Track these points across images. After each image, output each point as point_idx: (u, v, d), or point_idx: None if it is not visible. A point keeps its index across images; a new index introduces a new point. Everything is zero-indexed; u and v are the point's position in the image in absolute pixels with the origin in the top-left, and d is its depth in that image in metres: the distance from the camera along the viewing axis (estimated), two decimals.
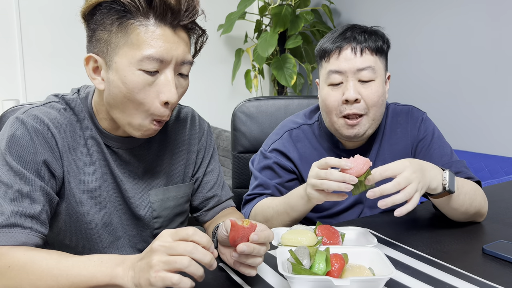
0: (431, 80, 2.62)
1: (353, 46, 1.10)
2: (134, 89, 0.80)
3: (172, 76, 0.82)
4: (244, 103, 1.51)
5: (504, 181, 1.81)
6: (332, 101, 1.12)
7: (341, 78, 1.11)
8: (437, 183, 0.94)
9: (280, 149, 1.21)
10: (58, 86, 2.78)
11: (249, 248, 0.71)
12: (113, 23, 0.80)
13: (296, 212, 1.05)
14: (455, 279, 0.81)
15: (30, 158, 0.82)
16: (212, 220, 1.10)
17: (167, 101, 0.82)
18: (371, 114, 1.11)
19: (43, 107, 0.88)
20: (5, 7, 2.62)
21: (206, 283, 0.80)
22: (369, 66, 1.09)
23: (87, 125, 0.91)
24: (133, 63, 0.79)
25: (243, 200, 1.21)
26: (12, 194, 0.79)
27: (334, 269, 0.74)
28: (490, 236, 1.02)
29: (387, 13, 2.86)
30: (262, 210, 1.12)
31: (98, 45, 0.83)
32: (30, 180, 0.81)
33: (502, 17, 2.24)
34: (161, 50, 0.79)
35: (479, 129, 2.39)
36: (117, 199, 0.94)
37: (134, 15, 0.79)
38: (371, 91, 1.09)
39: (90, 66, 0.85)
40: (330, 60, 1.12)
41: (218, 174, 1.11)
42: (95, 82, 0.85)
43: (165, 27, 0.80)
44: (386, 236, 1.02)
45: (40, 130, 0.84)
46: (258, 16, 3.21)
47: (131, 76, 0.80)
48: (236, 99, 3.49)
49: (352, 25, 1.15)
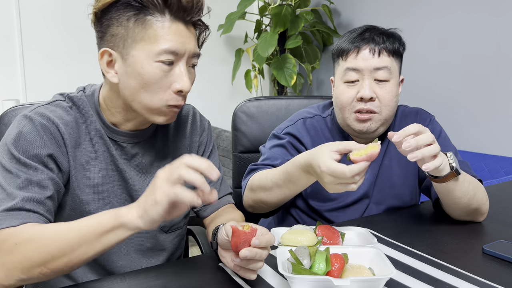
0: (430, 80, 2.62)
1: (372, 47, 1.12)
2: (151, 80, 0.85)
3: (185, 68, 0.88)
4: (244, 103, 1.51)
5: (504, 181, 1.81)
6: (346, 98, 1.14)
7: (358, 76, 1.13)
8: (444, 163, 0.95)
9: (294, 133, 1.21)
10: (58, 86, 2.79)
11: (251, 253, 0.72)
12: (129, 19, 0.84)
13: (298, 186, 1.02)
14: (455, 279, 0.81)
15: (38, 151, 0.84)
16: (211, 216, 1.10)
17: (181, 90, 0.88)
18: (384, 114, 1.13)
19: (49, 105, 0.91)
20: (5, 7, 2.62)
21: (206, 283, 0.80)
22: (386, 66, 1.11)
23: (93, 122, 0.93)
24: (151, 56, 0.84)
25: (247, 169, 1.19)
26: (21, 183, 0.81)
27: (334, 269, 0.74)
28: (490, 236, 1.02)
29: (387, 13, 2.86)
30: (259, 181, 1.10)
31: (113, 40, 0.86)
32: (39, 169, 0.84)
33: (503, 18, 2.24)
34: (176, 44, 0.85)
35: (479, 129, 2.39)
36: (122, 194, 0.96)
37: (151, 12, 0.84)
38: (386, 91, 1.12)
39: (105, 60, 0.88)
40: (348, 58, 1.14)
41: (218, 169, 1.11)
42: (109, 75, 0.88)
43: (179, 22, 0.86)
44: (386, 236, 1.02)
45: (47, 126, 0.87)
46: (258, 16, 3.21)
47: (148, 68, 0.85)
48: (236, 99, 3.50)
49: (371, 26, 1.17)
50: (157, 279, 0.82)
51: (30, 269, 0.74)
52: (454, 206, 1.05)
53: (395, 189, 1.22)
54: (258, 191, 1.10)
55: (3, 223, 0.77)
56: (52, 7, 2.76)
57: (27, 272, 0.74)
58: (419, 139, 0.90)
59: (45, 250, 0.74)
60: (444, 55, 2.53)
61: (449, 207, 1.07)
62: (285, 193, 1.05)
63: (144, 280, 0.82)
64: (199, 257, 0.93)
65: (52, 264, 0.74)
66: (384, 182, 1.22)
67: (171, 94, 0.88)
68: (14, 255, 0.74)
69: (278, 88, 3.31)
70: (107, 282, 0.81)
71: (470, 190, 1.02)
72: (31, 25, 2.71)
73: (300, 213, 1.26)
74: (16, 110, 1.10)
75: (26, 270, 0.74)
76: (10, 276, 0.75)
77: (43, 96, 2.76)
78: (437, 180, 0.98)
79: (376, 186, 1.21)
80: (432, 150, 0.91)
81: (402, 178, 1.22)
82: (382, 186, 1.22)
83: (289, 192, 1.05)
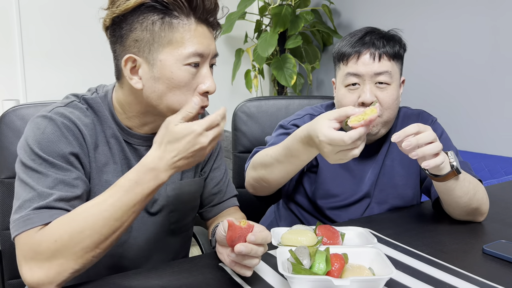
0: (430, 80, 2.62)
1: (372, 52, 1.12)
2: (180, 83, 0.85)
3: (209, 69, 0.89)
4: (244, 103, 1.51)
5: (504, 181, 1.81)
6: (347, 102, 1.14)
7: (358, 81, 1.13)
8: (445, 161, 0.95)
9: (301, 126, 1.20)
10: (58, 86, 2.78)
11: (246, 249, 0.72)
12: (154, 23, 0.83)
13: (299, 160, 1.01)
14: (455, 279, 0.81)
15: (64, 151, 0.84)
16: (214, 218, 1.10)
17: (207, 91, 0.89)
18: (385, 116, 1.14)
19: (67, 107, 0.90)
20: (5, 6, 2.62)
21: (206, 283, 0.80)
22: (386, 71, 1.12)
23: (109, 124, 0.93)
24: (180, 59, 0.84)
25: (252, 152, 1.18)
26: (51, 182, 0.81)
27: (334, 269, 0.74)
28: (490, 236, 1.02)
29: (387, 13, 2.86)
30: (260, 158, 1.09)
31: (137, 46, 0.84)
32: (67, 169, 0.83)
33: (503, 19, 2.24)
34: (202, 46, 0.85)
35: (479, 129, 2.39)
36: None
37: (177, 15, 0.83)
38: (386, 95, 1.12)
39: (128, 67, 0.86)
40: (348, 63, 1.14)
41: (224, 171, 1.13)
42: (132, 82, 0.86)
43: (203, 25, 0.87)
44: (386, 236, 1.02)
45: (70, 127, 0.86)
46: (258, 16, 3.21)
47: (178, 72, 0.84)
48: (236, 99, 3.49)
49: (371, 29, 1.17)
50: (157, 279, 0.82)
51: (83, 255, 0.76)
52: (454, 205, 1.06)
53: (398, 189, 1.22)
54: (259, 169, 1.09)
55: (35, 222, 0.77)
56: (52, 7, 2.75)
57: (81, 260, 0.76)
58: (419, 138, 0.90)
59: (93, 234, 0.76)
60: (445, 55, 2.53)
61: (449, 207, 1.08)
62: (286, 168, 1.03)
63: (144, 280, 0.82)
64: (199, 257, 0.93)
65: (105, 243, 0.78)
66: (386, 182, 1.22)
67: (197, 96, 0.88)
68: (60, 251, 0.75)
69: (278, 88, 3.31)
70: (107, 282, 0.81)
71: (470, 190, 1.02)
72: (31, 25, 2.70)
73: (301, 211, 1.27)
74: (16, 110, 1.10)
75: (79, 258, 0.76)
76: (62, 272, 0.76)
77: (43, 96, 2.76)
78: (438, 179, 0.98)
79: (378, 186, 1.22)
80: (434, 148, 0.91)
81: (405, 178, 1.22)
82: (383, 186, 1.22)
83: (291, 167, 1.03)
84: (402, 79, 1.20)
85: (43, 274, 0.75)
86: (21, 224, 0.77)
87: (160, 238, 1.01)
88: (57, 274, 0.76)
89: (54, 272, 0.75)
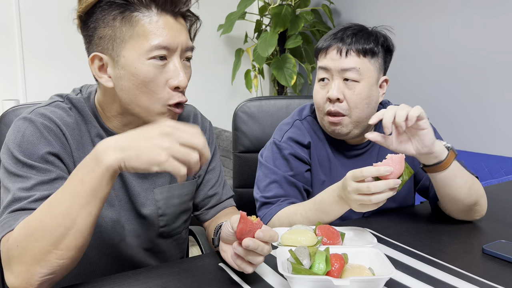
0: (430, 80, 2.62)
1: (339, 47, 1.11)
2: (146, 79, 0.82)
3: (179, 62, 0.85)
4: (245, 103, 1.51)
5: (504, 181, 1.81)
6: (319, 98, 1.15)
7: (327, 76, 1.13)
8: (440, 147, 0.96)
9: (295, 137, 1.19)
10: (58, 86, 2.79)
11: (254, 244, 0.71)
12: (115, 18, 0.81)
13: (331, 217, 1.02)
14: (455, 279, 0.81)
15: (43, 152, 0.82)
16: (212, 219, 1.10)
17: (177, 86, 0.85)
18: (354, 116, 1.12)
19: (48, 106, 0.89)
20: (5, 7, 2.62)
21: (206, 283, 0.80)
22: (354, 67, 1.10)
23: (93, 124, 0.91)
24: (142, 54, 0.81)
25: (259, 202, 1.17)
26: (32, 184, 0.79)
27: (334, 269, 0.74)
28: (490, 236, 1.02)
29: (387, 13, 2.86)
30: (288, 217, 1.08)
31: (101, 43, 0.83)
32: (48, 170, 0.82)
33: (500, 19, 2.24)
34: (167, 38, 0.82)
35: (479, 129, 2.39)
36: (123, 197, 0.95)
37: (136, 8, 0.81)
38: (354, 93, 1.10)
39: (96, 65, 0.85)
40: (319, 57, 1.16)
41: (219, 173, 1.11)
42: (102, 80, 0.85)
43: (167, 15, 0.83)
44: (386, 236, 1.02)
45: (50, 127, 0.85)
46: (258, 16, 3.21)
47: (142, 67, 0.82)
48: (236, 99, 3.49)
49: (349, 25, 1.16)
50: (157, 279, 0.82)
51: (44, 258, 0.70)
52: (456, 199, 1.03)
53: None
54: (286, 225, 1.08)
55: (11, 225, 0.75)
56: (52, 7, 2.76)
57: (44, 263, 0.71)
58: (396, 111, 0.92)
59: (45, 234, 0.70)
60: (445, 55, 2.53)
61: (450, 202, 1.05)
62: (313, 222, 1.03)
63: (144, 280, 0.82)
64: (199, 257, 0.92)
65: (62, 244, 0.71)
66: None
67: (169, 92, 0.85)
68: (22, 255, 0.72)
69: (278, 88, 3.31)
70: (107, 282, 0.81)
71: (468, 179, 1.03)
72: (31, 25, 2.71)
73: None
74: (16, 110, 1.10)
75: (41, 261, 0.70)
76: (31, 277, 0.71)
77: (43, 96, 2.76)
78: (440, 167, 0.98)
79: None
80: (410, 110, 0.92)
81: None
82: None
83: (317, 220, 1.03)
84: (383, 79, 1.16)
85: (15, 280, 0.72)
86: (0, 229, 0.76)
87: (151, 240, 1.00)
88: (27, 280, 0.72)
89: (23, 278, 0.72)
